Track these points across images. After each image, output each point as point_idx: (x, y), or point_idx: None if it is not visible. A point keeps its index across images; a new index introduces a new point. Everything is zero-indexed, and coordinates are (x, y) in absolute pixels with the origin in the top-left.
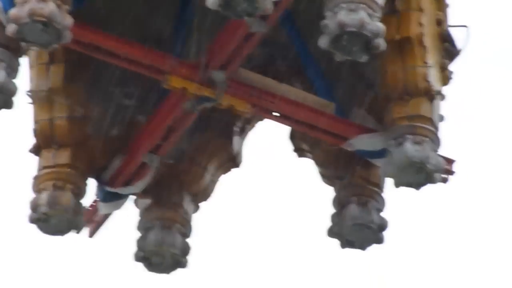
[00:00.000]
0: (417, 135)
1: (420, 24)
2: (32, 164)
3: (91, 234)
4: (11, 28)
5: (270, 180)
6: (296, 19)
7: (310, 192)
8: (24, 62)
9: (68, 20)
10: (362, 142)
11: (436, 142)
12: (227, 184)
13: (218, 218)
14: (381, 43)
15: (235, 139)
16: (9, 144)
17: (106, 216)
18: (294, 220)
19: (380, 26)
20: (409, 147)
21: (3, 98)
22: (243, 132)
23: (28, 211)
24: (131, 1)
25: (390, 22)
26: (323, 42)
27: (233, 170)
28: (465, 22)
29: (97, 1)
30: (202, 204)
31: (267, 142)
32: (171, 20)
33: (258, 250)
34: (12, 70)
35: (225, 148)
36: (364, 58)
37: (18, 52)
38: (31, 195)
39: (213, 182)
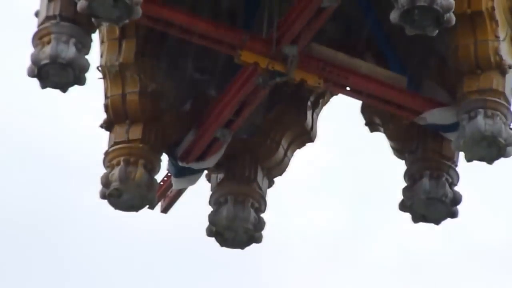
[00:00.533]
0: (489, 109)
1: None
2: (103, 140)
3: (165, 210)
4: (81, 4)
5: (344, 155)
6: None
7: (382, 166)
8: (95, 37)
9: None
10: (434, 116)
11: (508, 116)
12: (302, 158)
13: (294, 194)
14: (452, 18)
15: (309, 113)
16: (82, 119)
17: (180, 191)
18: (367, 194)
19: (450, 0)
20: (481, 121)
21: (74, 73)
22: (316, 106)
23: (99, 187)
24: None
25: None
26: (394, 16)
27: (308, 144)
28: None
29: None
30: (276, 179)
31: (341, 116)
32: None
33: (332, 225)
34: (83, 46)
35: (299, 123)
36: (434, 32)
37: (89, 28)
38: (103, 170)
39: (287, 156)
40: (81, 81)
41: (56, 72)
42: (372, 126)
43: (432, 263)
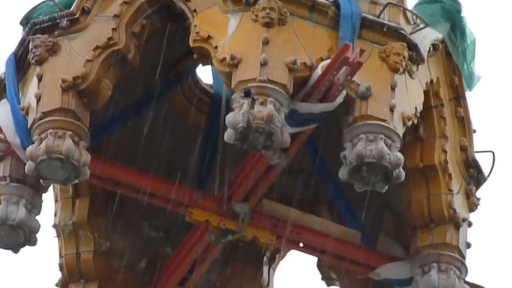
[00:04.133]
0: (443, 263)
1: (444, 151)
2: None
3: None
4: (29, 166)
5: None
6: (320, 148)
7: None
8: (48, 197)
9: (86, 157)
10: (389, 271)
11: (462, 270)
12: None
13: None
14: (401, 173)
15: (265, 268)
16: (36, 279)
17: None
18: None
19: (399, 156)
20: (435, 276)
21: (24, 235)
22: (273, 261)
23: None
24: (155, 136)
25: (414, 150)
26: (342, 173)
27: None
28: (492, 147)
29: (118, 137)
30: None
31: (297, 271)
32: (195, 154)
33: None
34: (34, 207)
35: (255, 279)
36: (384, 189)
37: (39, 188)
38: None
39: None
40: (32, 242)
41: (7, 234)
42: (328, 281)
43: None
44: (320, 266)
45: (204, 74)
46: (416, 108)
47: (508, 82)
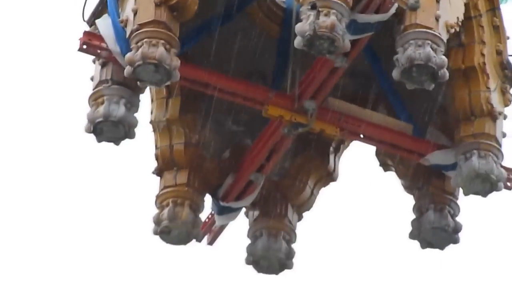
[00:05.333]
0: (482, 150)
1: (483, 55)
2: (154, 185)
3: (211, 243)
4: (128, 70)
5: (362, 191)
6: (377, 52)
7: (394, 201)
8: (144, 97)
9: (176, 62)
10: (436, 157)
11: (499, 156)
12: (326, 196)
13: (320, 226)
14: (445, 73)
15: (331, 157)
16: (134, 168)
17: (222, 227)
18: (381, 225)
19: (444, 58)
20: (475, 161)
21: (124, 129)
22: (338, 151)
23: (151, 225)
24: (236, 44)
25: (457, 53)
26: (395, 74)
27: (331, 183)
28: None
29: (203, 45)
30: (305, 214)
31: (359, 158)
32: (270, 59)
33: (353, 252)
34: (132, 105)
35: (323, 166)
36: (431, 87)
37: (137, 89)
38: (154, 211)
39: (314, 195)
40: (131, 135)
41: (109, 129)
42: (385, 167)
43: None
44: (378, 154)
45: None
46: (458, 18)
47: None
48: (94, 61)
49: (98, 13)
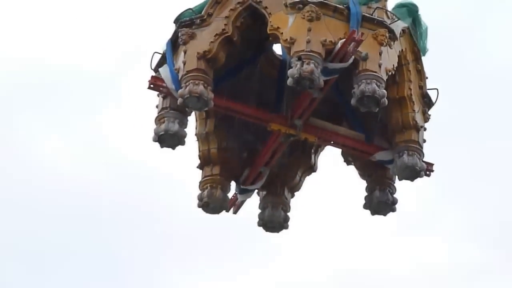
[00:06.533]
0: (410, 150)
1: (410, 89)
2: (198, 174)
3: (235, 212)
4: (180, 101)
5: (333, 178)
6: (341, 87)
7: (354, 184)
8: (191, 118)
9: (211, 95)
10: (380, 156)
11: (421, 154)
12: (310, 181)
13: (305, 202)
14: (385, 101)
15: (312, 156)
16: (189, 165)
17: (243, 201)
18: (346, 200)
19: (384, 91)
20: (406, 158)
21: (178, 139)
22: (316, 152)
23: (196, 201)
24: (250, 82)
25: (393, 88)
26: (353, 101)
27: (312, 173)
28: (436, 87)
29: (230, 83)
30: (296, 194)
31: (331, 156)
32: (272, 92)
33: (328, 218)
34: (183, 123)
35: (307, 162)
36: (376, 110)
37: (186, 113)
38: (199, 192)
39: (301, 181)
40: (182, 143)
41: (168, 139)
42: (347, 162)
43: None
44: (343, 154)
45: (277, 48)
46: (393, 65)
47: (439, 51)
48: (158, 95)
49: (160, 64)
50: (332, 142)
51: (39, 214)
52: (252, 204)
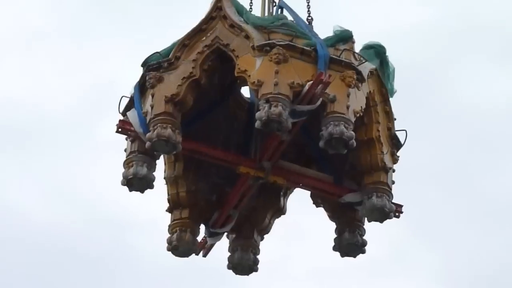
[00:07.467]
0: (379, 192)
1: (378, 130)
2: (167, 217)
3: (205, 255)
4: (148, 145)
5: (302, 221)
6: (309, 129)
7: (324, 225)
8: (160, 162)
9: (179, 138)
10: (349, 197)
11: (390, 195)
12: (278, 224)
13: (275, 243)
14: (354, 143)
15: (281, 198)
16: (156, 209)
17: (212, 245)
18: (315, 242)
19: (353, 133)
20: (375, 199)
21: (146, 183)
22: (285, 194)
23: (165, 244)
24: (218, 125)
25: (361, 129)
26: (321, 144)
27: (281, 216)
28: (405, 128)
29: (198, 126)
30: (265, 236)
31: (300, 199)
32: (240, 134)
33: (297, 259)
34: (151, 167)
35: (276, 204)
36: (344, 152)
37: (154, 157)
38: (168, 235)
39: (270, 223)
40: (150, 186)
41: (137, 182)
42: (317, 204)
43: None
44: (312, 195)
45: (245, 91)
46: (361, 107)
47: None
48: (127, 139)
49: (128, 107)
50: (301, 185)
51: (5, 257)
52: (222, 247)
